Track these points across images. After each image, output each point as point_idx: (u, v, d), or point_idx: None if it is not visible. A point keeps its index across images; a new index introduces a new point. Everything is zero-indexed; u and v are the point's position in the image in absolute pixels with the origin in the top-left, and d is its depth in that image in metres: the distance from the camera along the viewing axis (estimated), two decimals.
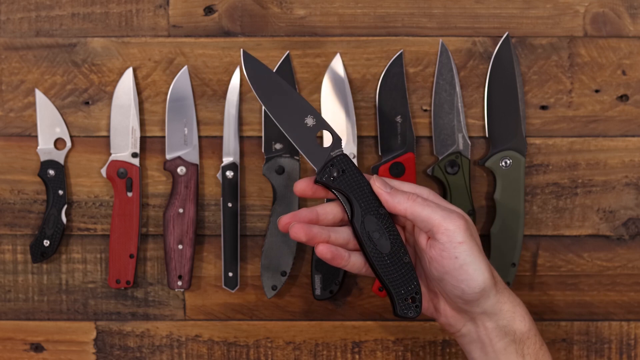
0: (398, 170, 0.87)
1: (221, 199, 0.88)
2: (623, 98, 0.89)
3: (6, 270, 0.90)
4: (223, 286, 0.89)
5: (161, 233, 0.90)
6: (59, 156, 0.89)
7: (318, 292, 0.89)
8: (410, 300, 0.71)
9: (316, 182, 0.72)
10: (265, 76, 0.73)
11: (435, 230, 0.69)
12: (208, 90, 0.89)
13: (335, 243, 0.72)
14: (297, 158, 0.88)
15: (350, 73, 0.88)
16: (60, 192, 0.88)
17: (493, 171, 0.88)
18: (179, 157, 0.88)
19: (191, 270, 0.88)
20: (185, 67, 0.88)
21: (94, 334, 0.91)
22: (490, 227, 0.88)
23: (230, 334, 0.91)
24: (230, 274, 0.88)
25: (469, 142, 0.88)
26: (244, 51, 0.73)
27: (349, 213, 0.71)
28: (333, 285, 0.89)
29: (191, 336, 0.91)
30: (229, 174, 0.88)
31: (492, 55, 0.88)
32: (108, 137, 0.89)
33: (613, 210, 0.89)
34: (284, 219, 0.71)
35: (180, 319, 0.91)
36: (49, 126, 0.88)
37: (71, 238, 0.90)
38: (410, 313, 0.71)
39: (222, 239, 0.88)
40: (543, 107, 0.89)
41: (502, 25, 0.88)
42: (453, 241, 0.68)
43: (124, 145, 0.88)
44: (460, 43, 0.88)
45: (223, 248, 0.88)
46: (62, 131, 0.89)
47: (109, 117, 0.88)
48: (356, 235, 0.71)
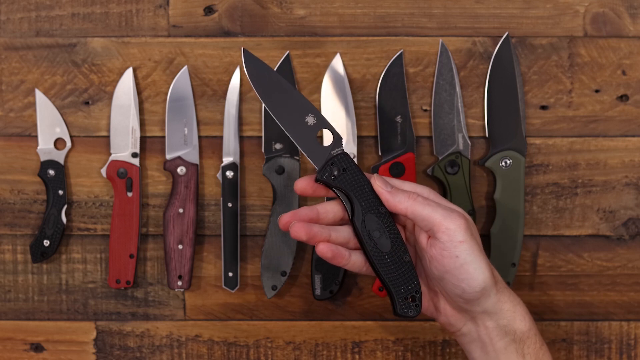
0: (398, 170, 0.87)
1: (221, 199, 0.88)
2: (623, 98, 0.89)
3: (6, 270, 0.90)
4: (223, 286, 0.89)
5: (161, 233, 0.90)
6: (59, 156, 0.89)
7: (318, 292, 0.89)
8: (410, 299, 0.71)
9: (317, 181, 0.72)
10: (266, 75, 0.73)
11: (435, 229, 0.69)
12: (208, 90, 0.89)
13: (335, 242, 0.72)
14: (297, 158, 0.88)
15: (350, 73, 0.88)
16: (60, 192, 0.88)
17: (493, 171, 0.88)
18: (179, 157, 0.88)
19: (191, 270, 0.88)
20: (185, 67, 0.88)
21: (94, 334, 0.91)
22: (490, 227, 0.88)
23: (230, 334, 0.91)
24: (230, 274, 0.88)
25: (469, 142, 0.88)
26: (245, 50, 0.73)
27: (350, 212, 0.71)
28: (333, 285, 0.89)
29: (191, 336, 0.91)
30: (229, 174, 0.88)
31: (492, 55, 0.88)
32: (108, 137, 0.89)
33: (613, 210, 0.89)
34: (285, 218, 0.71)
35: (180, 319, 0.91)
36: (49, 126, 0.88)
37: (71, 238, 0.90)
38: (410, 312, 0.71)
39: (222, 239, 0.88)
40: (543, 107, 0.89)
41: (502, 25, 0.88)
42: (453, 240, 0.68)
43: (124, 145, 0.88)
44: (460, 43, 0.88)
45: (223, 248, 0.88)
46: (62, 131, 0.89)
47: (109, 117, 0.88)
48: (356, 234, 0.71)
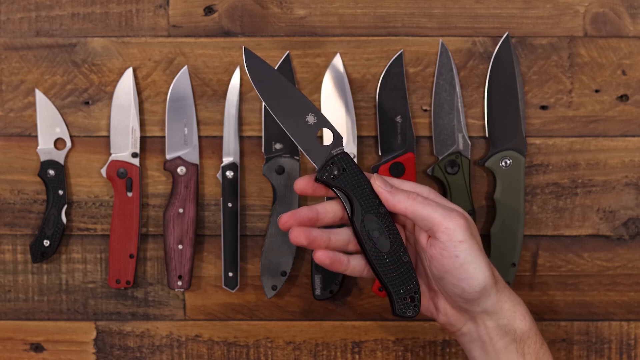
0: (398, 170, 0.87)
1: (221, 199, 0.88)
2: (623, 98, 0.89)
3: (6, 270, 0.90)
4: (223, 286, 0.89)
5: (161, 233, 0.90)
6: (59, 156, 0.89)
7: (318, 292, 0.89)
8: (409, 299, 0.71)
9: (316, 180, 0.72)
10: (266, 73, 0.73)
11: (435, 229, 0.69)
12: (208, 90, 0.89)
13: (335, 245, 0.72)
14: (297, 158, 0.88)
15: (350, 73, 0.88)
16: (60, 192, 0.88)
17: (493, 171, 0.88)
18: (179, 157, 0.88)
19: (191, 270, 0.88)
20: (185, 67, 0.88)
21: (94, 334, 0.91)
22: (490, 227, 0.88)
23: (230, 334, 0.91)
24: (230, 274, 0.88)
25: (469, 142, 0.88)
26: (246, 48, 0.73)
27: (349, 211, 0.71)
28: (333, 285, 0.89)
29: (191, 336, 0.91)
30: (229, 174, 0.88)
31: (492, 55, 0.88)
32: (108, 137, 0.89)
33: (613, 210, 0.89)
34: (284, 218, 0.71)
35: (180, 319, 0.91)
36: (49, 126, 0.88)
37: (71, 238, 0.90)
38: (408, 312, 0.71)
39: (222, 239, 0.88)
40: (543, 107, 0.89)
41: (502, 25, 0.88)
42: (453, 240, 0.68)
43: (124, 145, 0.88)
44: (460, 43, 0.88)
45: (223, 248, 0.88)
46: (62, 131, 0.89)
47: (109, 117, 0.88)
48: (356, 234, 0.71)
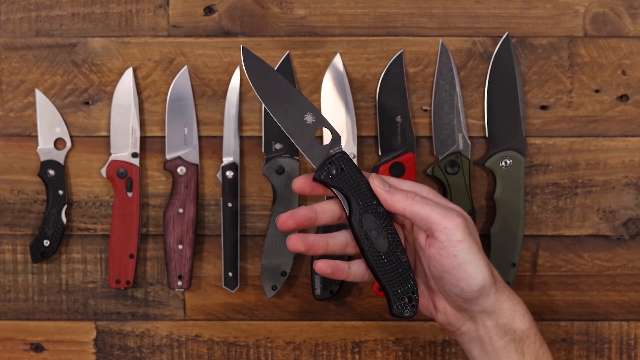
0: (398, 170, 0.87)
1: (221, 199, 0.88)
2: (623, 98, 0.89)
3: (6, 270, 0.90)
4: (223, 286, 0.89)
5: (161, 233, 0.90)
6: (59, 156, 0.89)
7: (318, 292, 0.89)
8: (406, 299, 0.71)
9: (314, 180, 0.72)
10: (264, 73, 0.72)
11: (434, 228, 0.69)
12: (208, 90, 0.89)
13: (333, 248, 0.71)
14: (297, 158, 0.88)
15: (350, 73, 0.88)
16: (60, 192, 0.88)
17: (493, 171, 0.88)
18: (179, 157, 0.88)
19: (191, 270, 0.88)
20: (185, 67, 0.88)
21: (94, 334, 0.91)
22: (490, 227, 0.88)
23: (230, 334, 0.91)
24: (230, 274, 0.88)
25: (469, 142, 0.88)
26: (244, 47, 0.73)
27: (347, 211, 0.71)
28: (333, 285, 0.89)
29: (191, 336, 0.91)
30: (229, 174, 0.88)
31: (492, 55, 0.88)
32: (108, 137, 0.89)
33: (613, 210, 0.89)
34: (282, 218, 0.71)
35: (180, 319, 0.91)
36: (49, 126, 0.88)
37: (71, 238, 0.90)
38: (406, 312, 0.71)
39: (222, 239, 0.88)
40: (543, 107, 0.89)
41: (502, 25, 0.88)
42: (452, 239, 0.68)
43: (124, 145, 0.88)
44: (460, 43, 0.88)
45: (223, 248, 0.88)
46: (62, 131, 0.89)
47: (109, 117, 0.88)
48: (354, 233, 0.71)
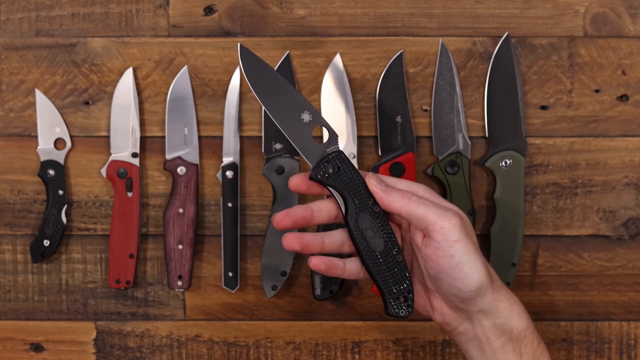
0: (398, 170, 0.87)
1: (221, 199, 0.88)
2: (623, 98, 0.89)
3: (6, 270, 0.90)
4: (223, 286, 0.89)
5: (161, 233, 0.90)
6: (59, 156, 0.89)
7: (318, 292, 0.89)
8: (402, 299, 0.70)
9: (311, 179, 0.71)
10: (262, 71, 0.72)
11: (430, 228, 0.68)
12: (208, 90, 0.89)
13: (329, 247, 0.71)
14: (297, 158, 0.88)
15: (350, 73, 0.88)
16: (60, 192, 0.88)
17: (493, 171, 0.88)
18: (179, 157, 0.88)
19: (191, 270, 0.88)
20: (185, 67, 0.88)
21: (94, 334, 0.91)
22: (490, 227, 0.88)
23: (230, 334, 0.91)
24: (230, 274, 0.88)
25: (469, 142, 0.88)
26: (241, 45, 0.72)
27: (344, 210, 0.70)
28: (333, 285, 0.89)
29: (191, 336, 0.91)
30: (229, 174, 0.88)
31: (492, 55, 0.88)
32: (108, 137, 0.89)
33: (613, 210, 0.89)
34: (278, 216, 0.70)
35: (180, 319, 0.91)
36: (49, 126, 0.89)
37: (71, 238, 0.90)
38: (401, 312, 0.70)
39: (222, 239, 0.88)
40: (543, 107, 0.89)
41: (502, 25, 0.88)
42: (448, 239, 0.68)
43: (124, 145, 0.88)
44: (460, 43, 0.88)
45: (223, 248, 0.88)
46: (62, 131, 0.89)
47: (109, 117, 0.88)
48: (350, 233, 0.70)
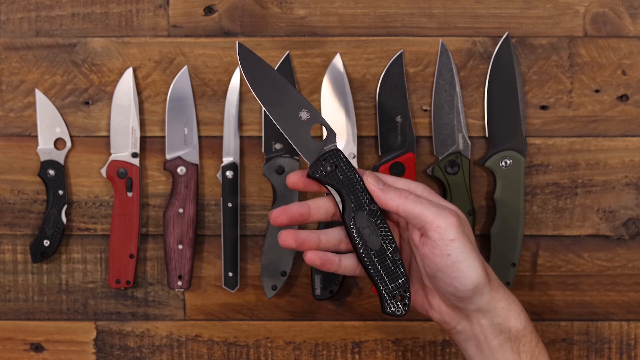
0: (398, 170, 0.87)
1: (221, 199, 0.88)
2: (623, 98, 0.89)
3: (6, 270, 0.90)
4: (223, 286, 0.89)
5: (161, 233, 0.90)
6: (59, 156, 0.89)
7: (318, 292, 0.89)
8: (398, 298, 0.70)
9: (308, 177, 0.71)
10: (260, 69, 0.72)
11: (427, 227, 0.68)
12: (208, 90, 0.89)
13: (326, 245, 0.71)
14: (297, 158, 0.88)
15: (350, 73, 0.88)
16: (60, 192, 0.88)
17: (493, 171, 0.88)
18: (179, 157, 0.88)
19: (191, 270, 0.88)
20: (185, 67, 0.88)
21: (94, 334, 0.91)
22: (490, 227, 0.88)
23: (230, 334, 0.91)
24: (230, 274, 0.88)
25: (469, 142, 0.88)
26: (240, 43, 0.72)
27: (341, 208, 0.70)
28: (333, 285, 0.89)
29: (191, 336, 0.91)
30: (229, 174, 0.88)
31: (492, 55, 0.88)
32: (108, 137, 0.89)
33: (613, 210, 0.89)
34: (275, 213, 0.70)
35: (180, 319, 0.91)
36: (49, 126, 0.88)
37: (71, 238, 0.90)
38: (397, 311, 0.70)
39: (222, 239, 0.88)
40: (543, 107, 0.89)
41: (502, 25, 0.88)
42: (445, 238, 0.67)
43: (124, 145, 0.88)
44: (460, 43, 0.88)
45: (223, 248, 0.88)
46: (62, 131, 0.89)
47: (109, 117, 0.88)
48: (347, 231, 0.70)
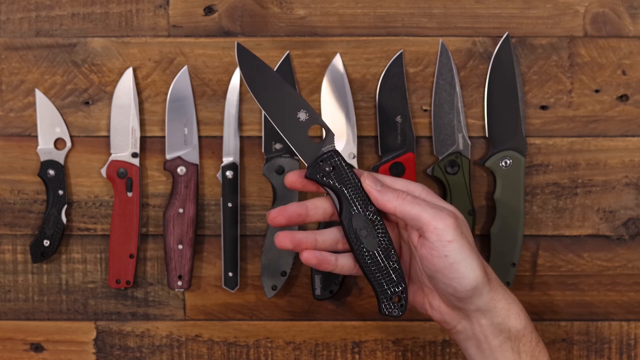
0: (398, 170, 0.87)
1: (221, 199, 0.88)
2: (623, 98, 0.89)
3: (6, 270, 0.90)
4: (223, 286, 0.89)
5: (161, 233, 0.90)
6: (59, 156, 0.89)
7: (318, 292, 0.89)
8: (395, 298, 0.70)
9: (306, 177, 0.71)
10: (259, 69, 0.72)
11: (424, 228, 0.68)
12: (208, 90, 0.89)
13: (323, 245, 0.71)
14: (297, 158, 0.88)
15: (350, 73, 0.88)
16: (60, 192, 0.88)
17: (493, 171, 0.88)
18: (179, 157, 0.88)
19: (191, 270, 0.88)
20: (185, 67, 0.88)
21: (94, 334, 0.91)
22: (490, 227, 0.88)
23: (230, 334, 0.91)
24: (230, 274, 0.88)
25: (469, 142, 0.88)
26: (238, 44, 0.72)
27: (338, 209, 0.70)
28: (333, 285, 0.89)
29: (191, 336, 0.91)
30: (229, 174, 0.88)
31: (492, 55, 0.88)
32: (108, 137, 0.89)
33: (613, 210, 0.89)
34: (273, 213, 0.70)
35: (180, 319, 0.91)
36: (49, 126, 0.88)
37: (71, 238, 0.90)
38: (394, 312, 0.70)
39: (222, 239, 0.88)
40: (543, 107, 0.89)
41: (502, 25, 0.88)
42: (442, 240, 0.67)
43: (124, 145, 0.88)
44: (460, 43, 0.88)
45: (223, 248, 0.88)
46: (62, 131, 0.89)
47: (109, 117, 0.88)
48: (344, 232, 0.70)
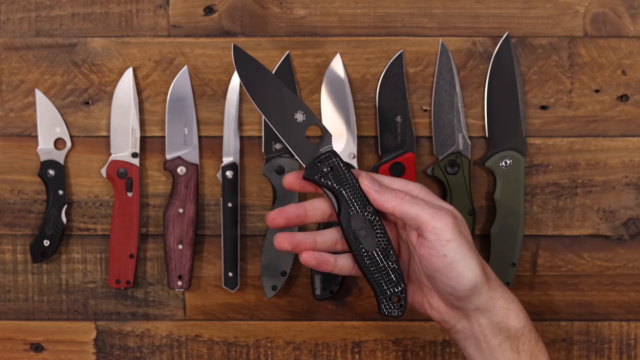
0: (398, 170, 0.87)
1: (221, 199, 0.88)
2: (623, 98, 0.89)
3: (6, 270, 0.90)
4: (223, 286, 0.89)
5: (161, 233, 0.90)
6: (59, 156, 0.89)
7: (318, 292, 0.89)
8: (395, 299, 0.70)
9: (304, 178, 0.71)
10: (256, 71, 0.72)
11: (423, 228, 0.68)
12: (208, 90, 0.89)
13: (322, 246, 0.71)
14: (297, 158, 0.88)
15: (350, 73, 0.88)
16: (60, 192, 0.88)
17: (493, 171, 0.88)
18: (179, 157, 0.88)
19: (191, 270, 0.88)
20: (185, 67, 0.88)
21: (94, 334, 0.91)
22: (490, 227, 0.88)
23: (230, 334, 0.91)
24: (230, 274, 0.88)
25: (469, 142, 0.88)
26: (235, 45, 0.72)
27: (337, 210, 0.70)
28: (333, 285, 0.89)
29: (191, 336, 0.91)
30: (229, 174, 0.88)
31: (492, 55, 0.88)
32: (108, 137, 0.89)
33: (613, 210, 0.89)
34: (272, 215, 0.70)
35: (180, 319, 0.91)
36: (49, 126, 0.88)
37: (71, 238, 0.90)
38: (394, 312, 0.70)
39: (222, 239, 0.88)
40: (543, 107, 0.89)
41: (502, 25, 0.88)
42: (441, 239, 0.67)
43: (124, 145, 0.88)
44: (460, 43, 0.88)
45: (223, 248, 0.88)
46: (62, 131, 0.89)
47: (109, 117, 0.88)
48: (343, 232, 0.70)
